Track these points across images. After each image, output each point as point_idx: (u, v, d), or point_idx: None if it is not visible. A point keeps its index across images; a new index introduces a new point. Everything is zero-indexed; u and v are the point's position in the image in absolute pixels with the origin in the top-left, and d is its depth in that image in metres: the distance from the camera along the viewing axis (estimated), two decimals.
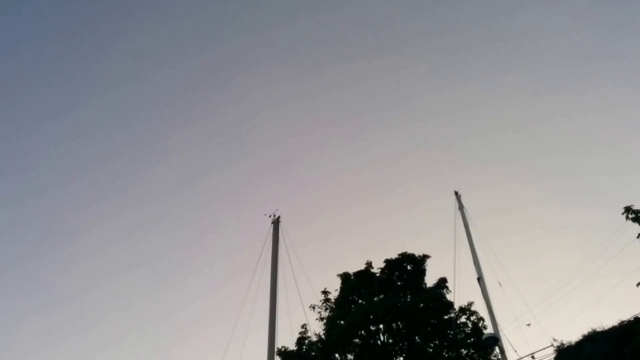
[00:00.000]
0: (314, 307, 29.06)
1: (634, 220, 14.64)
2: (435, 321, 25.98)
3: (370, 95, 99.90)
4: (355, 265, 31.74)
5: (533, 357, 17.66)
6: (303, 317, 33.59)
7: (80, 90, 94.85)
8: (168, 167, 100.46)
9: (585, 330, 25.89)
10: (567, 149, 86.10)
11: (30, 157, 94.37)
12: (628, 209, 14.74)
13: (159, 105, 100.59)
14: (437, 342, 25.86)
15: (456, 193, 24.10)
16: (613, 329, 24.10)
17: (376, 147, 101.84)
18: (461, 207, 23.58)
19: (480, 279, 20.47)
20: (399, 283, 28.92)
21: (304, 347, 26.61)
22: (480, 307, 25.98)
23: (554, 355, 25.13)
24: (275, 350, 16.63)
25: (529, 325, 21.07)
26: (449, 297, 26.64)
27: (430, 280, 28.45)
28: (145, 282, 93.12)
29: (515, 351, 18.17)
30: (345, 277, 29.92)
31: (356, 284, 29.37)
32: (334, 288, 30.05)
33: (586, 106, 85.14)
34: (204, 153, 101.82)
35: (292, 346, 26.56)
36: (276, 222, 19.94)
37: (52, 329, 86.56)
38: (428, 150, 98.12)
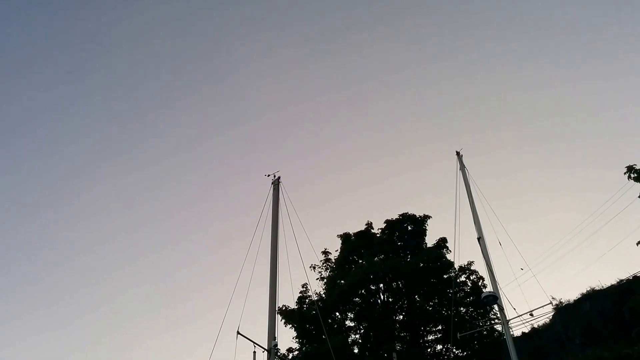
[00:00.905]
0: (314, 267, 29.31)
1: (636, 179, 14.41)
2: (435, 280, 26.13)
3: (373, 61, 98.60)
4: (355, 226, 31.85)
5: (532, 315, 17.71)
6: (304, 277, 33.94)
7: (90, 54, 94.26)
8: (171, 129, 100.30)
9: (584, 289, 26.30)
10: (569, 111, 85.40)
11: (39, 116, 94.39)
12: (630, 168, 14.46)
13: (164, 70, 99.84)
14: (436, 300, 26.08)
15: (458, 153, 23.63)
16: (611, 288, 24.38)
17: (378, 110, 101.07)
18: (462, 167, 23.17)
19: (480, 239, 20.29)
20: (399, 243, 29.00)
21: (305, 306, 26.87)
22: (480, 267, 26.14)
23: (552, 313, 25.51)
24: (277, 309, 16.66)
25: (521, 269, 21.15)
26: (449, 256, 26.78)
27: (430, 240, 28.60)
28: (148, 241, 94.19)
29: (514, 309, 18.23)
30: (345, 237, 29.99)
31: (356, 244, 29.46)
32: (335, 249, 30.25)
33: (588, 71, 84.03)
34: (208, 116, 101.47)
35: (293, 305, 26.85)
36: (276, 183, 19.67)
37: (60, 283, 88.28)
38: (430, 112, 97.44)
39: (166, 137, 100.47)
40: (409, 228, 29.36)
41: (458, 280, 26.17)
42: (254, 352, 14.72)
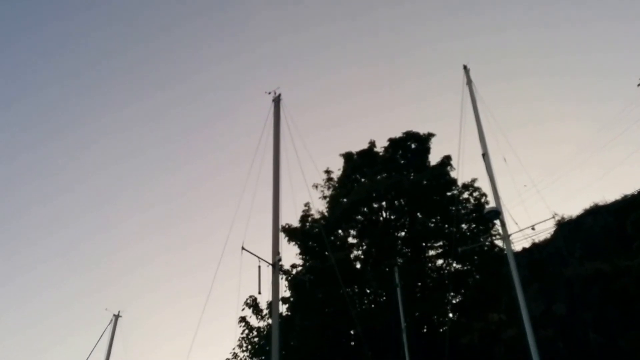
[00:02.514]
0: (316, 186, 29.32)
1: None
2: (437, 198, 26.04)
3: None
4: (359, 146, 31.45)
5: (533, 229, 17.60)
6: (306, 196, 34.04)
7: None
8: (175, 57, 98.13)
9: (588, 205, 26.27)
10: (578, 20, 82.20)
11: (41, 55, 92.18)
12: None
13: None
14: (438, 217, 26.11)
15: (465, 67, 22.70)
16: (615, 203, 24.33)
17: (382, 25, 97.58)
18: (469, 82, 22.30)
19: (485, 155, 19.90)
20: (402, 162, 28.75)
21: (308, 224, 27.10)
22: (483, 184, 25.96)
23: (554, 229, 25.61)
24: (280, 226, 16.59)
25: (525, 186, 20.92)
26: (453, 174, 26.53)
27: (434, 159, 28.24)
28: (150, 166, 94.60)
29: (516, 224, 18.13)
30: (348, 156, 29.73)
31: (359, 163, 29.26)
32: (337, 168, 30.08)
33: None
34: (209, 42, 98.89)
35: (296, 224, 27.08)
36: (277, 100, 19.02)
37: (66, 210, 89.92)
38: (436, 27, 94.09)
39: (171, 64, 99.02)
40: (413, 146, 28.99)
41: (461, 198, 26.13)
42: (259, 266, 14.83)
